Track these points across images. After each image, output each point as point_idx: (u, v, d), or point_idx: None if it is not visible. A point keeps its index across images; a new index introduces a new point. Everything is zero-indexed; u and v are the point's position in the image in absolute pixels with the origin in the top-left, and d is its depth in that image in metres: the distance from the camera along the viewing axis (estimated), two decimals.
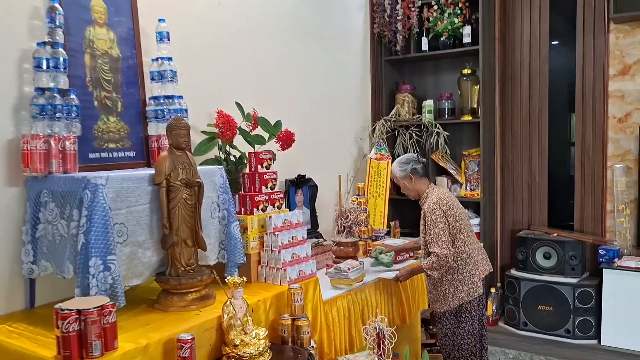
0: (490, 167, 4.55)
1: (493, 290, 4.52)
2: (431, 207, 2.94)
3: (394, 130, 4.61)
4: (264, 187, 2.73)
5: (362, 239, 3.62)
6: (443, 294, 3.00)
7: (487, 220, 4.47)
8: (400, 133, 4.59)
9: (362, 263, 3.12)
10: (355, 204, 3.71)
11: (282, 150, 3.12)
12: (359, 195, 3.90)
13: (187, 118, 2.62)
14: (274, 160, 2.85)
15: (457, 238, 2.96)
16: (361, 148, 4.58)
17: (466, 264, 2.97)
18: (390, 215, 4.40)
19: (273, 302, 2.44)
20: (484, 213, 4.40)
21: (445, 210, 2.94)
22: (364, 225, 3.67)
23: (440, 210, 2.93)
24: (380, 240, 3.81)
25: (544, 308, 4.26)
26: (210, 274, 2.27)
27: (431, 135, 4.46)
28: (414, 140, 4.48)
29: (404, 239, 3.85)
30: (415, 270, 3.12)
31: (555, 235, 4.38)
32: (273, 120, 3.15)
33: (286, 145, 3.12)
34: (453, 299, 2.97)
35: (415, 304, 3.46)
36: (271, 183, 2.77)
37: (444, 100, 4.63)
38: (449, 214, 2.94)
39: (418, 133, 4.51)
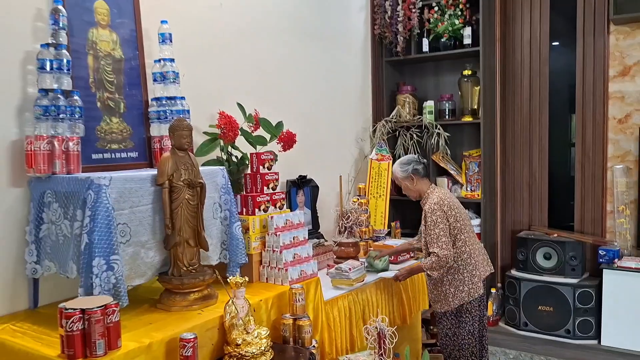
0: (490, 168, 4.56)
1: (493, 291, 4.53)
2: (432, 208, 2.96)
3: (395, 131, 4.62)
4: (265, 188, 2.74)
5: (363, 239, 3.64)
6: (444, 294, 3.01)
7: (488, 221, 4.49)
8: (401, 134, 4.61)
9: (363, 263, 3.14)
10: (356, 204, 3.73)
11: (284, 151, 3.14)
12: (359, 195, 3.91)
13: (189, 119, 2.63)
14: (275, 161, 2.87)
15: (458, 238, 2.97)
16: (362, 149, 4.59)
17: (467, 264, 2.99)
18: (391, 216, 4.42)
19: (275, 302, 2.45)
20: (484, 214, 4.41)
21: (446, 210, 2.96)
22: (365, 225, 3.69)
23: (441, 211, 2.94)
24: (381, 240, 3.83)
25: (544, 308, 4.27)
26: (212, 274, 2.29)
27: (432, 136, 4.47)
28: (415, 141, 4.50)
29: (404, 239, 3.87)
30: (415, 270, 3.13)
31: (556, 235, 4.40)
32: (274, 121, 3.17)
33: (287, 146, 3.13)
34: (454, 299, 2.99)
35: (416, 304, 3.47)
36: (273, 184, 2.78)
37: (444, 101, 4.64)
38: (449, 215, 2.96)
39: (419, 134, 4.52)
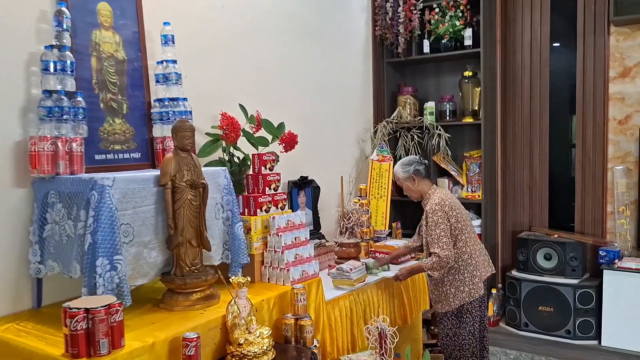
0: (491, 169, 4.57)
1: (494, 291, 4.55)
2: (433, 208, 2.97)
3: (396, 132, 4.64)
4: (267, 189, 2.76)
5: (364, 240, 3.64)
6: (444, 295, 3.02)
7: (488, 222, 4.50)
8: (401, 135, 4.62)
9: (364, 264, 3.15)
10: (357, 205, 3.73)
11: (285, 151, 3.15)
12: (360, 196, 3.91)
13: (192, 120, 2.64)
14: (277, 161, 2.88)
15: (459, 239, 2.99)
16: (363, 150, 4.61)
17: (467, 264, 3.00)
18: (392, 217, 4.43)
19: (276, 302, 2.47)
20: (485, 214, 4.42)
21: (448, 211, 2.97)
22: (366, 226, 3.69)
23: (442, 211, 2.96)
24: (382, 241, 3.84)
25: (544, 309, 4.29)
26: (214, 274, 2.30)
27: (432, 137, 4.49)
28: (416, 142, 4.51)
29: (405, 239, 3.88)
30: (415, 270, 3.14)
31: (556, 236, 4.41)
32: (276, 122, 3.18)
33: (289, 147, 3.15)
34: (454, 299, 3.00)
35: (416, 304, 3.48)
36: (274, 184, 2.80)
37: (445, 102, 4.66)
38: (450, 215, 2.97)
39: (419, 135, 4.54)
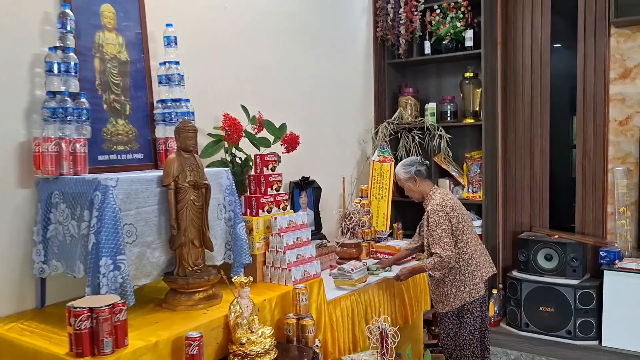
0: (492, 170, 4.59)
1: (495, 292, 4.56)
2: (434, 209, 2.98)
3: (397, 133, 4.65)
4: (269, 189, 2.77)
5: (365, 240, 3.65)
6: (445, 295, 3.04)
7: (489, 222, 4.51)
8: (403, 136, 4.63)
9: (366, 264, 3.16)
10: (359, 205, 3.75)
11: (287, 152, 3.16)
12: (362, 197, 3.93)
13: (194, 121, 2.66)
14: (278, 162, 2.90)
15: (460, 239, 3.00)
16: (364, 150, 4.62)
17: (468, 265, 3.01)
18: (393, 217, 4.45)
19: (278, 302, 2.48)
20: (485, 215, 4.44)
21: (449, 211, 2.98)
22: (367, 226, 3.71)
23: (444, 212, 2.97)
24: (383, 242, 3.85)
25: (545, 309, 4.30)
26: (216, 274, 2.31)
27: (433, 137, 4.50)
28: (417, 142, 4.52)
29: (406, 240, 3.89)
30: (416, 270, 3.15)
31: (557, 237, 4.42)
32: (278, 123, 3.19)
33: (291, 148, 3.16)
34: (455, 299, 3.01)
35: (417, 304, 3.49)
36: (276, 185, 2.81)
37: (446, 103, 4.67)
38: (452, 216, 2.98)
39: (420, 136, 4.55)
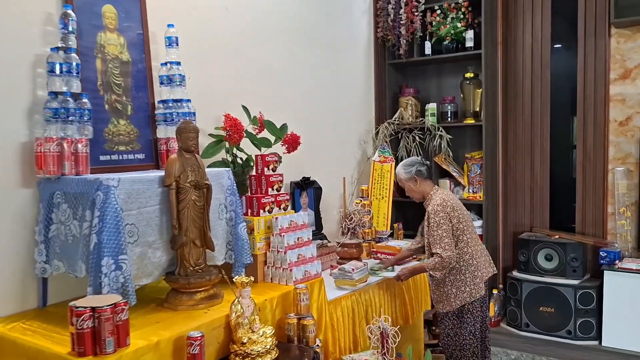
0: (492, 170, 4.59)
1: (495, 292, 4.56)
2: (435, 209, 2.99)
3: (398, 133, 4.66)
4: (270, 189, 2.78)
5: (366, 240, 3.66)
6: (446, 295, 3.04)
7: (490, 223, 4.52)
8: (403, 136, 4.64)
9: (366, 264, 3.17)
10: (359, 206, 3.76)
11: (288, 152, 3.17)
12: (362, 197, 3.94)
13: (195, 121, 2.67)
14: (279, 162, 2.90)
15: (460, 240, 3.01)
16: (365, 151, 4.63)
17: (469, 265, 3.02)
18: (394, 217, 4.45)
19: (279, 302, 2.49)
20: (486, 215, 4.44)
21: (449, 212, 2.99)
22: (368, 227, 3.71)
23: (444, 212, 2.98)
24: (383, 242, 3.86)
25: (545, 309, 4.30)
26: (218, 274, 2.32)
27: (434, 138, 4.51)
28: (417, 143, 4.53)
29: (407, 240, 3.90)
30: (417, 270, 3.16)
31: (557, 237, 4.42)
32: (278, 123, 3.20)
33: (292, 148, 3.17)
34: (455, 299, 3.02)
35: (418, 304, 3.50)
36: (277, 185, 2.82)
37: (446, 104, 4.68)
38: (452, 216, 2.99)
39: (421, 136, 4.56)
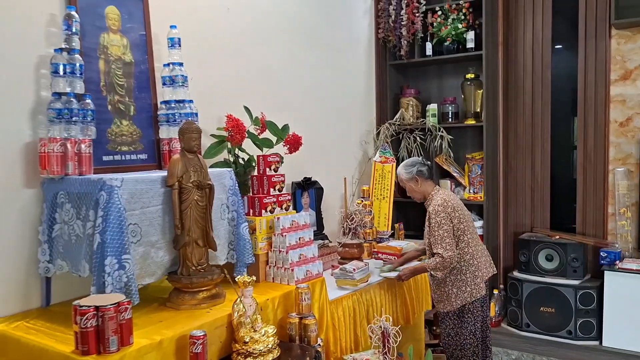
0: (493, 171, 4.60)
1: (496, 292, 4.57)
2: (436, 209, 3.00)
3: (399, 134, 4.67)
4: (272, 189, 2.79)
5: (367, 240, 3.68)
6: (446, 295, 3.05)
7: (490, 223, 4.53)
8: (404, 136, 4.65)
9: (367, 264, 3.18)
10: (360, 206, 3.77)
11: (290, 153, 3.19)
12: (363, 197, 3.96)
13: (197, 122, 2.68)
14: (281, 163, 2.92)
15: (461, 240, 3.02)
16: (366, 151, 4.64)
17: (469, 265, 3.03)
18: (395, 218, 4.47)
19: (281, 301, 2.50)
20: (487, 216, 4.45)
21: (450, 212, 3.00)
22: (369, 227, 3.73)
23: (445, 212, 2.99)
24: (384, 242, 3.87)
25: (546, 309, 4.31)
26: (220, 273, 2.33)
27: (435, 138, 4.52)
28: (418, 143, 4.54)
29: (408, 240, 3.91)
30: (418, 270, 3.17)
31: (558, 237, 4.43)
32: (280, 124, 3.21)
33: (294, 149, 3.18)
34: (456, 299, 3.03)
35: (419, 304, 3.51)
36: (279, 185, 2.83)
37: (447, 104, 4.69)
38: (453, 216, 3.00)
39: (422, 136, 4.57)
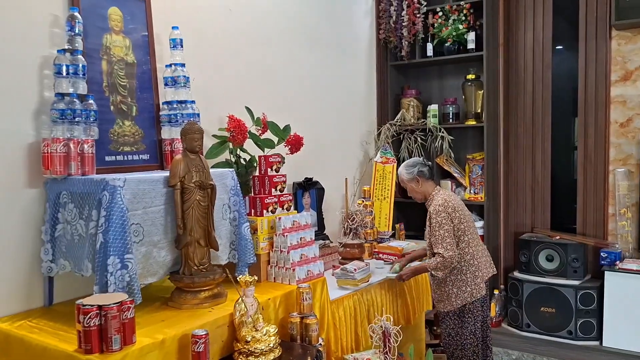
0: (494, 171, 4.61)
1: (496, 292, 4.58)
2: (437, 209, 3.02)
3: (399, 134, 4.68)
4: (273, 190, 2.80)
5: (368, 241, 3.69)
6: (446, 294, 3.07)
7: (491, 223, 4.54)
8: (405, 137, 4.66)
9: (368, 264, 3.19)
10: (361, 206, 3.78)
11: (291, 153, 3.20)
12: (364, 198, 3.96)
13: (199, 122, 2.69)
14: (282, 163, 2.93)
15: (462, 240, 3.03)
16: (367, 152, 4.65)
17: (470, 265, 3.04)
18: (396, 218, 4.48)
19: (282, 301, 2.51)
20: (487, 216, 4.46)
21: (451, 212, 3.01)
22: (370, 227, 3.74)
23: (446, 213, 3.00)
24: (385, 242, 3.88)
25: (546, 310, 4.32)
26: (221, 273, 2.35)
27: (436, 139, 4.53)
28: (419, 144, 4.55)
29: (408, 241, 3.92)
30: (419, 270, 3.18)
31: (558, 238, 4.44)
32: (282, 124, 3.23)
33: (295, 149, 3.20)
34: (456, 299, 3.04)
35: (419, 304, 3.52)
36: (280, 185, 2.84)
37: (448, 105, 4.70)
38: (454, 216, 3.02)
39: (423, 137, 4.58)
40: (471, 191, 4.57)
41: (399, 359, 2.70)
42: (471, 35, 4.46)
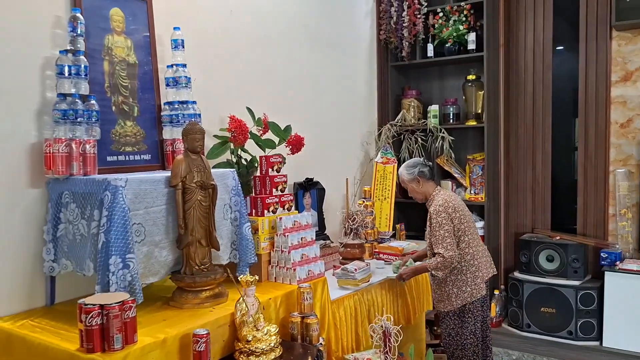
0: (494, 171, 4.62)
1: (497, 292, 4.59)
2: (437, 210, 3.02)
3: (400, 135, 4.69)
4: (274, 190, 2.81)
5: (369, 241, 3.70)
6: (447, 294, 3.07)
7: (491, 224, 4.54)
8: (405, 137, 4.67)
9: (369, 264, 3.20)
10: (362, 206, 3.79)
11: (292, 154, 3.21)
12: (365, 198, 3.98)
13: (200, 122, 2.70)
14: (283, 163, 2.94)
15: (462, 240, 3.04)
16: (367, 152, 4.66)
17: (470, 265, 3.05)
18: (396, 218, 4.48)
19: (283, 301, 2.52)
20: (488, 216, 4.47)
21: (451, 212, 3.02)
22: (370, 227, 3.75)
23: (446, 213, 3.01)
24: (386, 242, 3.89)
25: (546, 310, 4.33)
26: (223, 273, 2.35)
27: (436, 139, 4.54)
28: (420, 144, 4.56)
29: (409, 241, 3.93)
30: (419, 270, 3.19)
31: (558, 238, 4.45)
32: (282, 125, 3.24)
33: (296, 149, 3.21)
34: (456, 299, 3.05)
35: (420, 305, 3.53)
36: (281, 186, 2.85)
37: (449, 106, 4.71)
38: (454, 216, 3.02)
39: (423, 137, 4.59)
40: (471, 191, 4.57)
41: (400, 359, 2.71)
42: (472, 36, 4.47)
